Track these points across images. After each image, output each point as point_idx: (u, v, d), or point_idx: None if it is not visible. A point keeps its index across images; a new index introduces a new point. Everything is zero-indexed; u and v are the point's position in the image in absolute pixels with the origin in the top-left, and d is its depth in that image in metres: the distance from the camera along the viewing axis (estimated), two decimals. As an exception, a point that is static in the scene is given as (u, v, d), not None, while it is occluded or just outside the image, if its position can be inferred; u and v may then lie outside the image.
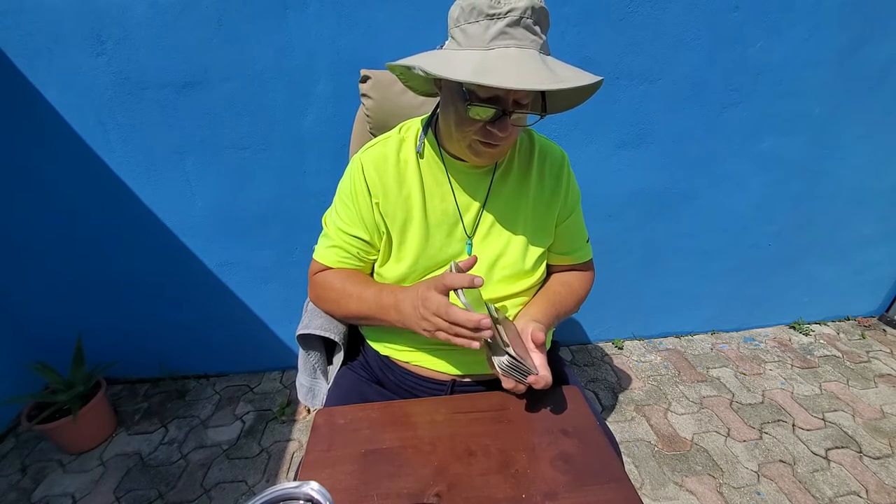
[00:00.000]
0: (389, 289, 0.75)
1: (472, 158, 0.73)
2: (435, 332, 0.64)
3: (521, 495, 0.55)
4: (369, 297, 0.75)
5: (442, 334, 0.63)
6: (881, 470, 1.41)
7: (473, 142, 0.69)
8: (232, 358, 1.79)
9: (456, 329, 0.61)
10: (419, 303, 0.65)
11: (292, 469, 1.43)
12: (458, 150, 0.73)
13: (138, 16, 1.18)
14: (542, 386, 0.65)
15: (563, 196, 0.82)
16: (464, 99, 0.64)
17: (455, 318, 0.60)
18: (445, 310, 0.61)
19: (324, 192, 1.47)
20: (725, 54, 1.43)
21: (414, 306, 0.67)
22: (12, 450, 1.49)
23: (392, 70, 0.73)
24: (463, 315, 0.60)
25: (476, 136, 0.67)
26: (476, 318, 0.59)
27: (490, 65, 0.57)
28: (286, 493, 0.47)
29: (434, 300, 0.63)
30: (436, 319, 0.63)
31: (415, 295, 0.67)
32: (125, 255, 1.53)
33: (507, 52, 0.58)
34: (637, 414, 1.64)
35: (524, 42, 0.59)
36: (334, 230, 0.81)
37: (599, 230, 1.67)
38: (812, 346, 2.00)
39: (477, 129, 0.67)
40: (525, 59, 0.58)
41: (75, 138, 1.32)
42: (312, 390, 0.93)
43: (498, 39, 0.59)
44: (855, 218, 1.87)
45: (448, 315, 0.61)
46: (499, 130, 0.65)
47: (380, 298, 0.74)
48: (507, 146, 0.72)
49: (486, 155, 0.71)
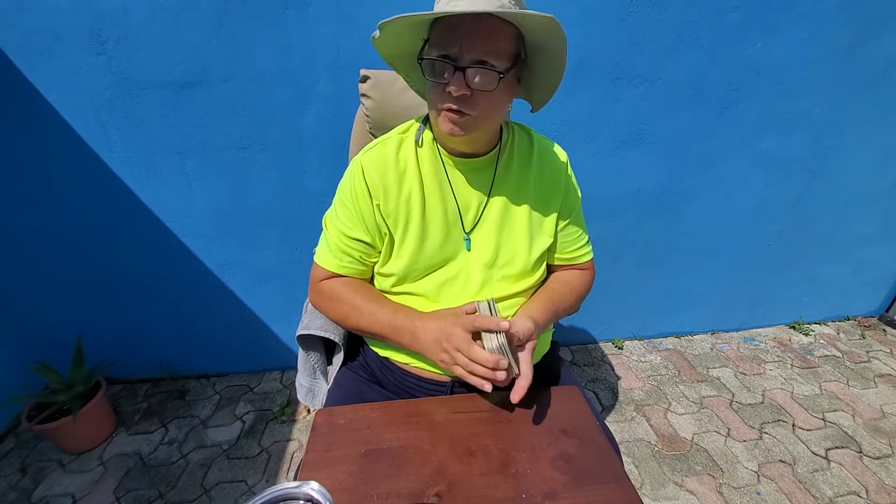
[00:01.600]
0: (404, 311, 0.75)
1: (446, 138, 0.72)
2: (451, 366, 0.66)
3: (521, 495, 0.55)
4: (382, 318, 0.76)
5: (458, 369, 0.65)
6: (881, 470, 1.41)
7: (442, 114, 0.67)
8: (232, 358, 1.79)
9: (473, 367, 0.63)
10: (442, 336, 0.67)
11: (292, 469, 1.43)
12: (439, 134, 0.74)
13: (138, 16, 1.18)
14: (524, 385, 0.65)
15: (563, 196, 0.82)
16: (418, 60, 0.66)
17: (476, 357, 0.63)
18: (468, 348, 0.64)
19: (324, 192, 1.47)
20: (725, 54, 1.43)
21: (436, 339, 0.68)
22: (12, 450, 1.49)
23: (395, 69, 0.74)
24: (483, 355, 0.62)
25: (441, 103, 0.66)
26: (495, 359, 0.61)
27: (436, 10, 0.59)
28: (286, 493, 0.47)
29: (458, 336, 0.65)
30: (456, 355, 0.65)
31: (437, 328, 0.69)
32: (125, 255, 1.53)
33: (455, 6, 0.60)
34: (637, 414, 1.64)
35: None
36: (335, 233, 0.80)
37: (599, 230, 1.67)
38: (812, 346, 2.00)
39: (439, 93, 0.66)
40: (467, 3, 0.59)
41: (75, 138, 1.32)
42: (312, 390, 0.93)
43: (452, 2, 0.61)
44: (855, 218, 1.87)
45: (470, 353, 0.64)
46: (455, 87, 0.63)
47: (394, 321, 0.75)
48: (477, 119, 0.67)
49: (453, 126, 0.67)
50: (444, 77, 0.64)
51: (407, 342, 0.73)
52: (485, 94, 0.65)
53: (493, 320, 0.63)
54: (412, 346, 0.72)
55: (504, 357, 0.62)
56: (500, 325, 0.63)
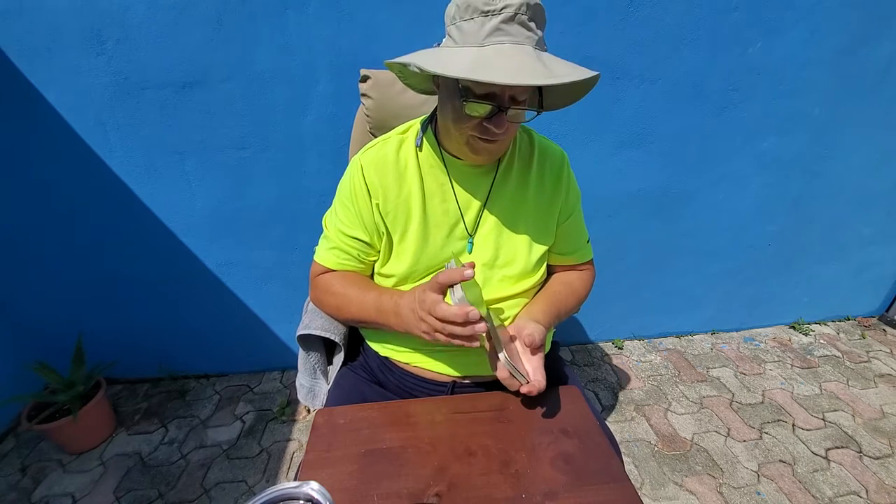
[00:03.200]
0: (389, 293, 0.75)
1: (470, 156, 0.73)
2: (434, 335, 0.63)
3: (521, 495, 0.55)
4: (369, 302, 0.75)
5: (440, 336, 0.62)
6: (881, 470, 1.41)
7: (471, 138, 0.69)
8: (232, 358, 1.79)
9: (449, 328, 0.60)
10: (416, 305, 0.65)
11: (292, 469, 1.43)
12: (456, 147, 0.74)
13: (138, 16, 1.18)
14: (534, 393, 0.64)
15: (563, 196, 0.82)
16: (460, 96, 0.64)
17: (443, 314, 0.59)
18: (434, 307, 0.60)
19: (324, 192, 1.47)
20: (725, 54, 1.43)
21: (412, 309, 0.66)
22: (12, 450, 1.49)
23: (390, 68, 0.73)
24: (450, 310, 0.59)
25: (473, 132, 0.67)
26: (464, 312, 0.58)
27: (485, 61, 0.57)
28: (286, 493, 0.47)
29: (428, 299, 0.62)
30: (430, 319, 0.62)
31: (412, 297, 0.67)
32: (125, 255, 1.53)
33: (502, 48, 0.59)
34: (637, 414, 1.64)
35: (519, 38, 0.59)
36: (334, 232, 0.81)
37: (599, 230, 1.67)
38: (812, 346, 2.00)
39: (473, 125, 0.66)
40: (520, 55, 0.58)
41: (75, 138, 1.32)
42: (313, 391, 0.93)
43: (493, 36, 0.59)
44: (855, 218, 1.87)
45: (437, 313, 0.60)
46: (495, 127, 0.65)
47: (380, 303, 0.74)
48: (505, 143, 0.72)
49: (483, 152, 0.70)
50: (483, 113, 0.65)
51: (393, 322, 0.71)
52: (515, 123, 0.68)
53: (456, 271, 0.59)
54: (398, 325, 0.70)
55: (473, 308, 0.57)
56: (463, 274, 0.59)
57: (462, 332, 0.59)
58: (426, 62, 0.59)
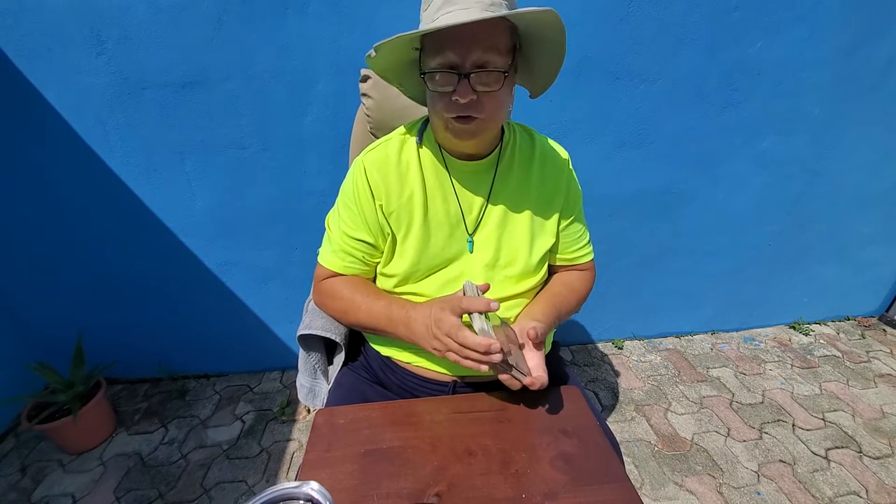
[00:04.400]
0: (399, 303, 0.75)
1: (454, 142, 0.72)
2: (445, 353, 0.65)
3: (521, 495, 0.55)
4: (378, 311, 0.75)
5: (452, 355, 0.64)
6: (881, 470, 1.41)
7: (448, 122, 0.68)
8: (232, 358, 1.79)
9: (466, 352, 0.62)
10: (432, 322, 0.66)
11: (292, 469, 1.43)
12: (444, 138, 0.74)
13: (138, 16, 1.18)
14: (537, 387, 0.65)
15: (564, 196, 0.82)
16: (421, 73, 0.66)
17: (465, 342, 0.61)
18: (457, 332, 0.62)
19: (324, 192, 1.47)
20: (725, 54, 1.43)
21: (426, 325, 0.67)
22: (12, 450, 1.49)
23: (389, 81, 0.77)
24: (473, 340, 0.60)
25: (448, 114, 0.67)
26: (486, 343, 0.59)
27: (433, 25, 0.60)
28: (286, 493, 0.47)
29: (447, 322, 0.64)
30: (447, 340, 0.63)
31: (427, 314, 0.68)
32: (125, 255, 1.53)
33: (450, 15, 0.61)
34: (637, 414, 1.64)
35: (467, 5, 0.61)
36: (338, 234, 0.80)
37: (600, 230, 1.67)
38: (812, 346, 2.00)
39: (445, 104, 0.66)
40: (461, 12, 0.60)
41: (75, 138, 1.32)
42: (313, 391, 0.93)
43: (443, 9, 0.62)
44: (855, 218, 1.87)
45: (458, 338, 0.62)
46: (461, 97, 0.63)
47: (389, 312, 0.74)
48: (486, 123, 0.68)
49: (462, 133, 0.69)
50: (448, 86, 0.64)
51: (402, 333, 0.72)
52: (490, 95, 0.65)
53: (482, 301, 0.62)
54: (408, 336, 0.72)
55: (496, 341, 0.60)
56: (489, 306, 0.61)
57: (478, 359, 0.61)
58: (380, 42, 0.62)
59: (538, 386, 0.64)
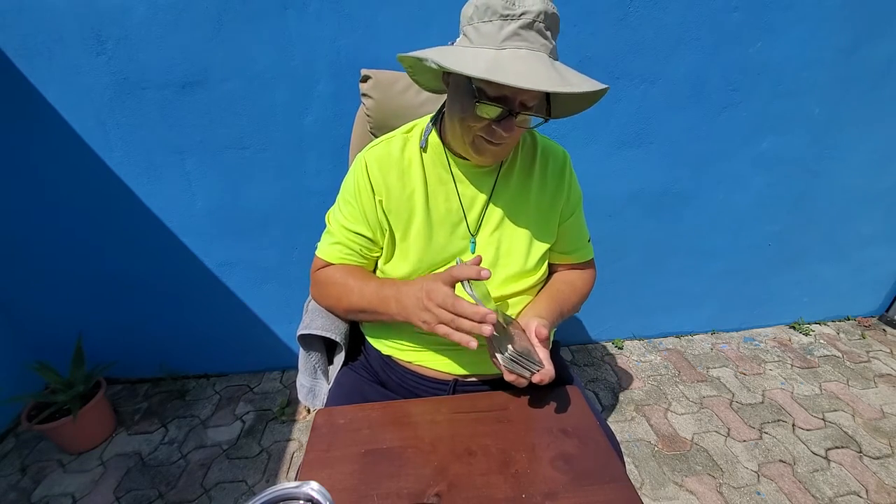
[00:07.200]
0: (391, 282, 0.76)
1: (474, 156, 0.73)
2: (435, 326, 0.63)
3: (521, 495, 0.55)
4: (370, 290, 0.76)
5: (442, 328, 0.62)
6: (881, 470, 1.41)
7: (477, 138, 0.69)
8: (232, 358, 1.79)
9: (458, 322, 0.60)
10: (423, 294, 0.65)
11: (292, 469, 1.43)
12: (461, 147, 0.74)
13: (138, 16, 1.18)
14: (546, 381, 0.65)
15: (565, 195, 0.82)
16: (473, 96, 0.64)
17: (461, 310, 0.60)
18: (452, 301, 0.61)
19: (324, 191, 1.47)
20: (725, 54, 1.43)
21: (417, 297, 0.66)
22: (12, 450, 1.49)
23: (402, 61, 0.72)
24: (470, 307, 0.59)
25: (480, 132, 0.68)
26: (483, 311, 0.58)
27: (502, 64, 0.57)
28: (286, 493, 0.47)
29: (440, 291, 0.62)
30: (439, 311, 0.62)
31: (419, 287, 0.67)
32: (125, 255, 1.53)
33: (519, 52, 0.59)
34: (637, 414, 1.64)
35: (535, 45, 0.60)
36: (337, 227, 0.81)
37: (600, 230, 1.66)
38: (812, 346, 2.00)
39: (481, 126, 0.67)
40: (535, 62, 0.59)
41: (75, 138, 1.32)
42: (313, 391, 0.93)
43: (510, 40, 0.59)
44: (855, 218, 1.87)
45: (454, 307, 0.60)
46: (504, 130, 0.65)
47: (381, 290, 0.74)
48: (509, 147, 0.72)
49: (488, 153, 0.71)
50: (492, 114, 0.65)
51: (394, 310, 0.71)
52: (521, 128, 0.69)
53: (472, 268, 0.60)
54: (399, 312, 0.70)
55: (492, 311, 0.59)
56: (479, 273, 0.60)
57: (471, 329, 0.59)
58: (444, 59, 0.60)
59: (547, 379, 0.65)
